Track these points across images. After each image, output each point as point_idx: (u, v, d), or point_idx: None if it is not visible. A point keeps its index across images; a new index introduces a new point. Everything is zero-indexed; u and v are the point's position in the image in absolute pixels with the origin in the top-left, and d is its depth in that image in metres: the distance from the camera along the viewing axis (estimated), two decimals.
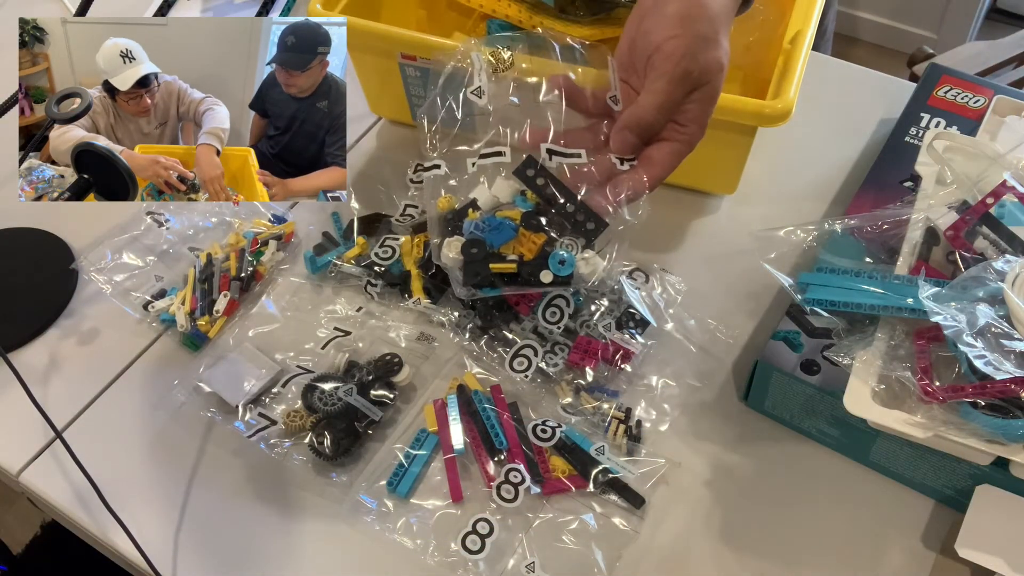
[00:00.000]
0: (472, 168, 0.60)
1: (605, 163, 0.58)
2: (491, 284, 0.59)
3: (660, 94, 0.55)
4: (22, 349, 0.75)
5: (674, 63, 0.55)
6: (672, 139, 0.57)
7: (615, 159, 0.58)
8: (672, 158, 0.58)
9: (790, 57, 0.70)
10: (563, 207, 0.58)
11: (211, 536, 0.64)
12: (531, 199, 0.59)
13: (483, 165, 0.60)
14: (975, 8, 2.17)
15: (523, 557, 0.61)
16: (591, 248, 0.58)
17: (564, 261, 0.57)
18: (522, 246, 0.59)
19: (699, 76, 0.55)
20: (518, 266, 0.58)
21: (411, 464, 0.65)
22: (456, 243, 0.60)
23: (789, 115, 0.67)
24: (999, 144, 0.71)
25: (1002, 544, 0.56)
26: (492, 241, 0.59)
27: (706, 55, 0.55)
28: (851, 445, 0.64)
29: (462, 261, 0.59)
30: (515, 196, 0.60)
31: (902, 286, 0.60)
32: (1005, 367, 0.53)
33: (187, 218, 0.82)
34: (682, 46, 0.55)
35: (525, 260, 0.58)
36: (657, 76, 0.55)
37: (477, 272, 0.58)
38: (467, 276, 0.59)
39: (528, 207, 0.59)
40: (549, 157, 0.58)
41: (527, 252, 0.58)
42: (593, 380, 0.68)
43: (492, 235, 0.59)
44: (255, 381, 0.70)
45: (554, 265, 0.58)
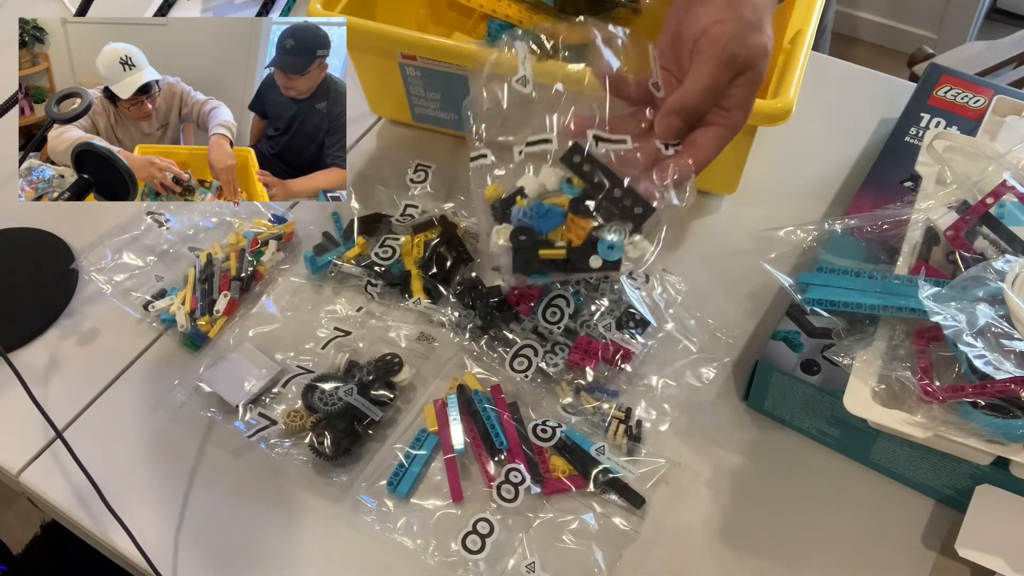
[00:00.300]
0: (519, 156, 0.60)
1: (650, 149, 0.58)
2: (540, 270, 0.59)
3: (707, 78, 0.56)
4: (22, 349, 0.75)
5: (721, 47, 0.55)
6: (717, 123, 0.58)
7: (660, 144, 0.58)
8: (717, 142, 0.58)
9: (790, 57, 0.70)
10: (610, 193, 0.58)
11: (211, 536, 0.64)
12: (577, 185, 0.59)
13: (530, 153, 0.60)
14: (975, 8, 2.17)
15: (523, 557, 0.61)
16: (639, 233, 0.58)
17: (613, 246, 0.57)
18: (570, 232, 0.59)
19: (745, 60, 0.56)
20: (567, 252, 0.58)
21: (411, 464, 0.65)
22: (505, 231, 0.60)
23: (789, 114, 0.67)
24: (999, 144, 0.71)
25: (1002, 544, 0.56)
26: (540, 228, 0.59)
27: (752, 39, 0.56)
28: (851, 445, 0.64)
29: (511, 248, 0.59)
30: (561, 183, 0.60)
31: (902, 286, 0.60)
32: (1005, 367, 0.53)
33: (187, 218, 0.82)
34: (729, 30, 0.55)
35: (573, 246, 0.58)
36: (704, 60, 0.56)
37: (527, 259, 0.59)
38: (516, 263, 0.59)
39: (575, 193, 0.59)
40: (595, 143, 0.58)
41: (575, 238, 0.58)
42: (593, 380, 0.68)
43: (540, 222, 0.59)
44: (255, 381, 0.70)
45: (603, 250, 0.58)
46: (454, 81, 0.79)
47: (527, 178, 0.60)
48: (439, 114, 0.84)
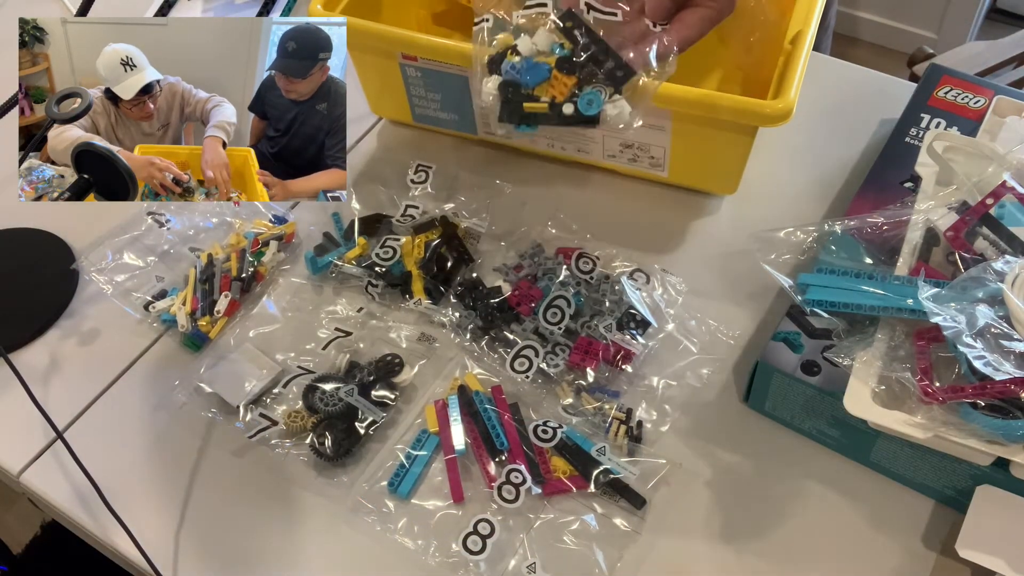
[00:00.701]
0: (518, 19, 0.64)
1: (640, 26, 0.62)
2: (526, 122, 0.63)
3: None
4: (23, 349, 0.75)
5: None
6: (704, 4, 0.62)
7: (649, 23, 0.62)
8: (703, 23, 0.62)
9: (791, 57, 0.70)
10: (595, 55, 0.62)
11: (212, 536, 0.64)
12: (567, 48, 0.63)
13: (527, 15, 0.64)
14: (975, 8, 2.18)
15: (524, 558, 0.61)
16: (619, 94, 0.62)
17: (592, 101, 0.61)
18: (554, 88, 0.62)
19: None
20: (549, 106, 0.62)
21: (412, 464, 0.65)
22: (495, 81, 0.64)
23: (790, 115, 0.67)
24: (999, 144, 0.71)
25: (1002, 544, 0.56)
26: (527, 80, 0.62)
27: None
28: (851, 446, 0.64)
29: (499, 99, 0.63)
30: (553, 45, 0.63)
31: (902, 287, 0.60)
32: (1005, 368, 0.53)
33: (188, 218, 0.82)
34: None
35: (557, 101, 0.62)
36: None
37: (512, 110, 0.63)
38: (502, 113, 0.63)
39: (564, 54, 0.63)
40: (587, 11, 0.62)
41: (558, 94, 0.62)
42: (594, 381, 0.68)
43: (527, 75, 0.62)
44: (256, 381, 0.70)
45: (583, 104, 0.61)
46: (455, 81, 0.79)
47: (522, 39, 0.64)
48: (440, 114, 0.84)
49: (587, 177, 0.84)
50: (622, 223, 0.80)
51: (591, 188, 0.83)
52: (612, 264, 0.75)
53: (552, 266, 0.74)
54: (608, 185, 0.83)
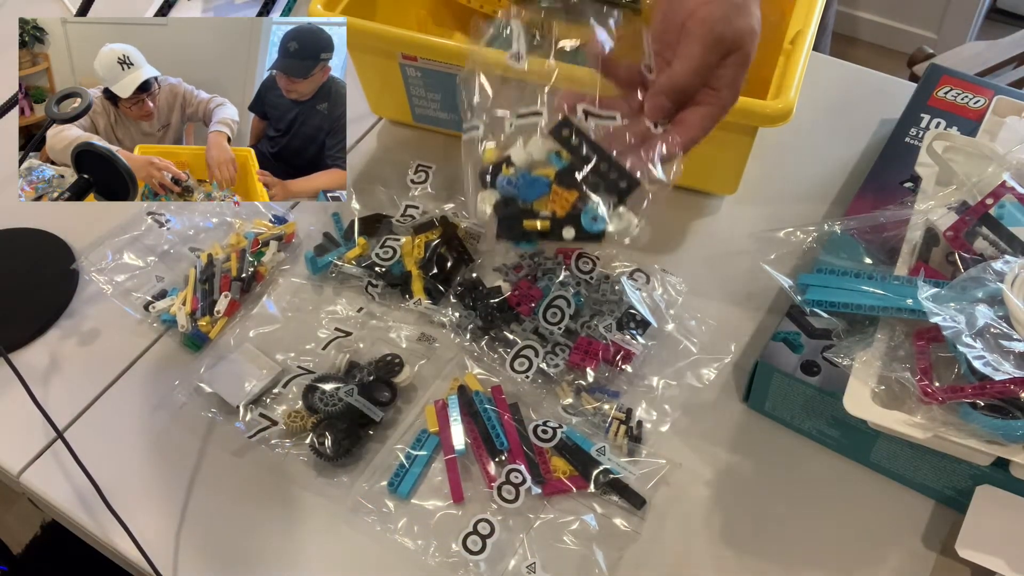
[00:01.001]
0: (510, 128, 0.61)
1: (640, 127, 0.59)
2: (525, 239, 0.60)
3: (695, 59, 0.57)
4: (23, 349, 0.75)
5: (708, 28, 0.56)
6: (706, 103, 0.59)
7: (649, 124, 0.59)
8: (706, 121, 0.59)
9: (791, 57, 0.70)
10: (596, 166, 0.58)
11: (212, 536, 0.64)
12: (565, 158, 0.60)
13: (520, 125, 0.61)
14: (975, 8, 2.17)
15: (524, 558, 0.61)
16: (624, 205, 0.59)
17: (596, 217, 0.58)
18: (554, 203, 0.59)
19: (732, 41, 0.57)
20: (551, 223, 0.59)
21: (412, 464, 0.65)
22: (490, 196, 0.60)
23: (790, 115, 0.67)
24: (999, 144, 0.71)
25: (1002, 544, 0.56)
26: (525, 196, 0.60)
27: (739, 20, 0.57)
28: (851, 446, 0.64)
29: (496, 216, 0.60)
30: (550, 155, 0.60)
31: (902, 287, 0.60)
32: (1004, 368, 0.53)
33: (188, 218, 0.82)
34: (716, 11, 0.56)
35: (558, 217, 0.59)
36: (692, 41, 0.57)
37: (511, 227, 0.59)
38: (500, 230, 0.60)
39: (562, 166, 0.60)
40: (585, 118, 0.59)
41: (559, 209, 0.59)
42: (594, 381, 0.68)
43: (525, 191, 0.59)
44: (256, 381, 0.70)
45: (587, 221, 0.58)
46: (454, 81, 0.79)
47: (515, 148, 0.61)
48: (440, 114, 0.84)
49: None
50: None
51: None
52: (612, 264, 0.75)
53: (552, 266, 0.74)
54: None
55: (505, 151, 0.61)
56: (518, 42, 0.61)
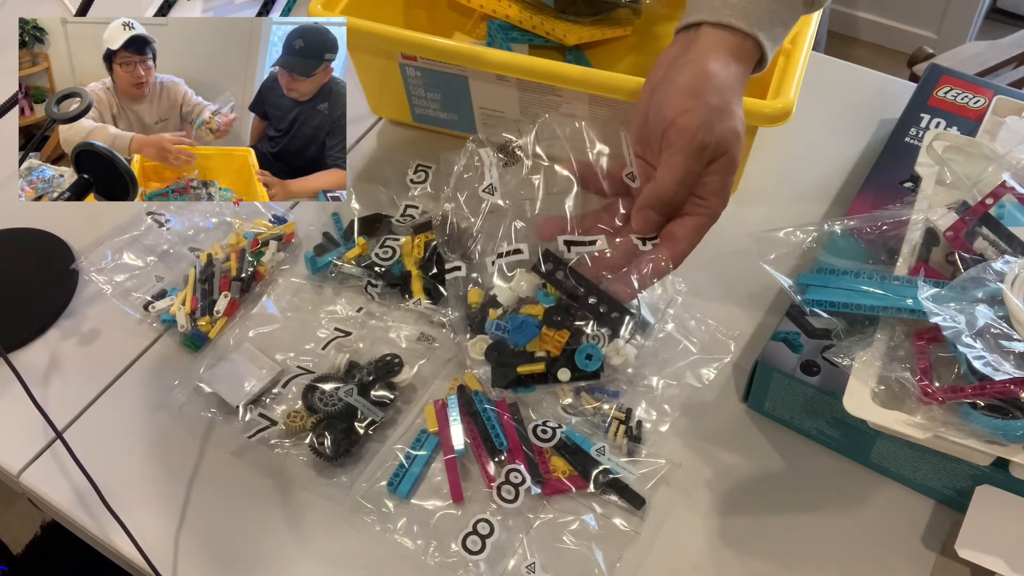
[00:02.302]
0: (492, 268, 0.60)
1: (627, 245, 0.57)
2: (522, 384, 0.59)
3: (678, 169, 0.55)
4: (23, 349, 0.75)
5: (689, 137, 0.54)
6: (694, 213, 0.57)
7: (636, 240, 0.57)
8: (695, 233, 0.57)
9: (790, 57, 0.70)
10: (584, 300, 0.57)
11: (211, 536, 0.64)
12: (552, 293, 0.59)
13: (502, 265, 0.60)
14: (975, 8, 2.18)
15: (523, 558, 0.61)
16: (618, 337, 0.57)
17: (591, 356, 0.57)
18: (546, 344, 0.58)
19: (716, 147, 0.55)
20: (546, 365, 0.58)
21: (412, 464, 0.65)
22: (481, 344, 0.60)
23: (789, 115, 0.67)
24: (999, 144, 0.71)
25: (1002, 544, 0.56)
26: (516, 341, 0.59)
27: (721, 125, 0.54)
28: (851, 446, 0.64)
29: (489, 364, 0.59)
30: (536, 291, 0.59)
31: (902, 287, 0.60)
32: (1004, 368, 0.53)
33: (187, 218, 0.82)
34: (696, 119, 0.54)
35: (552, 356, 0.58)
36: (674, 152, 0.55)
37: (506, 376, 0.59)
38: (496, 379, 0.59)
39: (550, 301, 0.59)
40: (567, 249, 0.58)
41: (552, 349, 0.58)
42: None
43: (515, 335, 0.58)
44: (255, 381, 0.70)
45: (581, 360, 0.57)
46: (454, 81, 0.79)
47: (500, 288, 0.60)
48: (439, 114, 0.84)
49: None
50: None
51: None
52: None
53: None
54: None
55: (489, 291, 0.60)
56: (490, 173, 0.60)
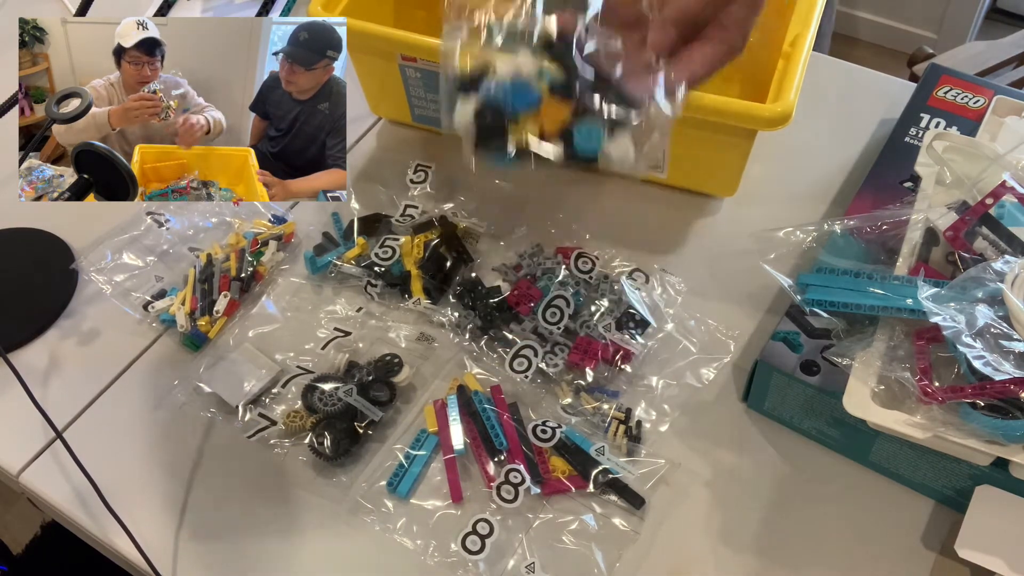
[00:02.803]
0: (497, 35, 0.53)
1: (643, 59, 0.53)
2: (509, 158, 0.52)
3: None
4: (22, 349, 0.75)
5: None
6: (713, 39, 0.55)
7: (652, 58, 0.53)
8: (711, 60, 0.54)
9: (790, 60, 0.70)
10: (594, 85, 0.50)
11: (211, 536, 0.64)
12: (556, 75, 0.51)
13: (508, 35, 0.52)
14: (975, 8, 2.18)
15: (523, 558, 0.61)
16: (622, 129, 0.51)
17: (592, 135, 0.50)
18: (545, 116, 0.51)
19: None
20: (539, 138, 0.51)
21: (411, 464, 0.65)
22: (471, 103, 0.52)
23: (789, 119, 0.67)
24: (999, 144, 0.71)
25: (1002, 544, 0.56)
26: (514, 103, 0.51)
27: None
28: (851, 446, 0.64)
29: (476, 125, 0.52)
30: (542, 71, 0.51)
31: (901, 287, 0.60)
32: (1004, 368, 0.53)
33: (187, 218, 0.82)
34: None
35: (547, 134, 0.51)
36: None
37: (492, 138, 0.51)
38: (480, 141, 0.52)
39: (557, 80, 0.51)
40: (585, 32, 0.52)
41: (549, 123, 0.51)
42: (593, 380, 0.68)
43: (513, 97, 0.51)
44: (255, 381, 0.70)
45: (580, 138, 0.50)
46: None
47: (502, 56, 0.52)
48: (439, 115, 0.84)
49: (586, 177, 0.84)
50: (621, 223, 0.80)
51: (590, 188, 0.83)
52: (611, 264, 0.75)
53: (551, 266, 0.74)
54: (607, 185, 0.83)
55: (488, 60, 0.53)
56: None
